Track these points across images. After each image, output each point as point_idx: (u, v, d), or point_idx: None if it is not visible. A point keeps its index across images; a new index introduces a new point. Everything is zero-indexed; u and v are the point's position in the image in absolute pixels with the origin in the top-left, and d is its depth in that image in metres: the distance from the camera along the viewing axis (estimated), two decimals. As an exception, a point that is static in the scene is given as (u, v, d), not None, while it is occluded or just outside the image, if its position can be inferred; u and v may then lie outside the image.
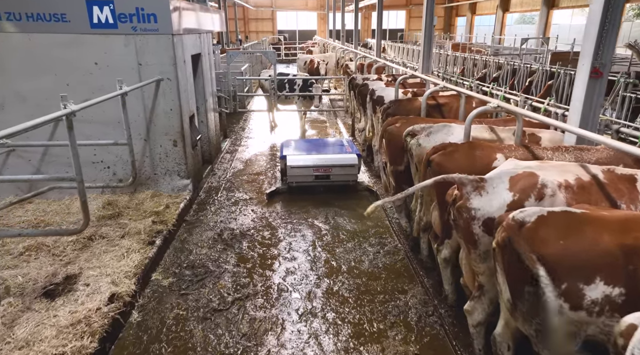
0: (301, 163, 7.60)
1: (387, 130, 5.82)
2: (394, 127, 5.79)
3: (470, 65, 17.50)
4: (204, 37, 9.48)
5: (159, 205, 7.20)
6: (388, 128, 5.82)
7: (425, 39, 10.31)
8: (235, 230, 6.89)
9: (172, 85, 7.21)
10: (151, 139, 7.44)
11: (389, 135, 5.79)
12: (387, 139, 5.84)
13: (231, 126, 13.82)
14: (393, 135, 5.73)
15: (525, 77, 13.35)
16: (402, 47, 24.86)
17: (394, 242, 6.42)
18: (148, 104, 7.24)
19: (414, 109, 7.24)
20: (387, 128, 5.83)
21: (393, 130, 5.75)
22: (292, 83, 12.69)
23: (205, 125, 9.50)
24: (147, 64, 7.04)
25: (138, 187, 7.63)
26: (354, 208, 7.53)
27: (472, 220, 3.48)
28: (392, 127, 5.79)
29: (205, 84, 9.45)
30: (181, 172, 7.70)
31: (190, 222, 7.18)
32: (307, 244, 6.45)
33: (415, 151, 5.10)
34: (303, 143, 8.65)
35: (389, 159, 5.93)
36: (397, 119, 5.93)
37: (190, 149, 7.90)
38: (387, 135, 5.82)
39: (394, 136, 5.71)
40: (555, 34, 26.90)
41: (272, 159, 10.68)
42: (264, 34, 43.43)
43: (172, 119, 7.38)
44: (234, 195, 8.34)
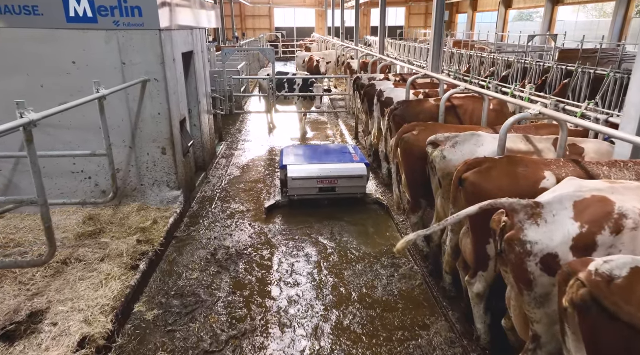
0: (304, 174, 6.86)
1: (404, 139, 5.09)
2: (411, 135, 5.07)
3: (477, 64, 16.82)
4: (197, 33, 8.73)
5: (146, 220, 6.46)
6: (404, 136, 5.10)
7: (435, 36, 9.59)
8: (231, 249, 6.17)
9: (160, 86, 6.47)
10: (137, 147, 6.70)
11: (405, 144, 5.07)
12: (403, 149, 5.11)
13: (227, 128, 13.08)
14: (410, 144, 5.01)
15: (539, 76, 12.66)
16: (405, 45, 24.12)
17: (409, 264, 5.71)
18: (133, 107, 6.50)
19: (425, 112, 6.52)
20: (404, 136, 5.11)
21: (410, 139, 5.03)
22: (291, 83, 11.96)
23: (198, 129, 8.75)
24: (132, 63, 6.30)
25: (123, 200, 6.89)
26: (362, 223, 6.80)
27: (527, 256, 2.78)
28: (409, 136, 5.06)
29: (199, 84, 8.71)
30: (171, 183, 6.96)
31: (181, 240, 6.45)
32: (311, 266, 5.73)
33: (439, 165, 4.38)
34: (305, 150, 7.91)
35: (406, 172, 5.21)
36: (414, 126, 5.21)
37: (181, 157, 7.16)
38: (403, 145, 5.10)
39: (412, 145, 4.99)
40: (559, 31, 26.21)
41: (271, 164, 9.95)
42: (261, 32, 42.63)
43: (161, 124, 6.64)
44: (229, 207, 7.61)
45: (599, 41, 19.00)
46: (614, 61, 18.24)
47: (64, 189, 6.72)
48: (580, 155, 4.32)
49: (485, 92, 5.53)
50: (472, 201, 3.71)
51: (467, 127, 5.21)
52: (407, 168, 5.17)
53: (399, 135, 5.20)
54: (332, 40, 26.05)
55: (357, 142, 11.47)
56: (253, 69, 23.14)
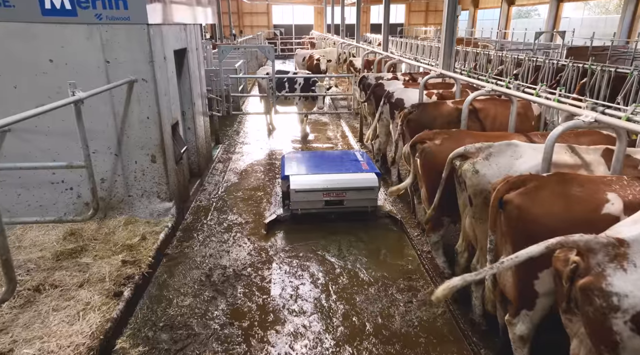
0: (308, 186, 6.20)
1: (424, 150, 4.46)
2: (433, 144, 4.44)
3: (484, 62, 16.19)
4: (191, 29, 8.07)
5: (133, 236, 5.82)
6: (425, 147, 4.47)
7: (447, 32, 8.97)
8: (228, 268, 5.53)
9: (148, 87, 5.82)
10: (124, 154, 6.05)
11: (426, 155, 4.44)
12: (423, 161, 4.49)
13: (224, 130, 12.43)
14: (432, 155, 4.38)
15: (552, 75, 12.04)
16: (407, 42, 23.46)
17: (428, 286, 5.08)
18: (119, 111, 5.85)
19: (443, 116, 5.90)
20: (424, 147, 4.48)
21: (432, 150, 4.40)
22: (292, 82, 11.32)
23: (193, 133, 8.10)
24: (117, 61, 5.64)
25: (109, 212, 6.25)
26: (372, 239, 6.16)
27: (611, 312, 2.16)
28: (431, 145, 4.43)
29: (193, 84, 8.05)
30: (161, 194, 6.31)
31: (172, 257, 5.81)
32: (318, 289, 5.10)
33: (470, 180, 3.75)
34: (308, 157, 7.24)
35: (426, 186, 4.59)
36: (435, 134, 4.57)
37: (173, 165, 6.51)
38: (424, 156, 4.47)
39: (434, 157, 4.37)
40: (563, 28, 25.59)
41: (270, 169, 9.31)
42: (259, 29, 41.91)
43: (150, 129, 5.99)
44: (226, 218, 6.97)
45: (604, 38, 18.42)
46: (624, 59, 17.67)
47: (42, 201, 6.07)
48: (635, 168, 3.70)
49: (516, 94, 4.89)
50: (516, 227, 3.10)
51: (495, 135, 4.58)
52: (428, 182, 4.54)
53: (418, 146, 4.56)
54: (332, 37, 25.37)
55: (361, 145, 10.84)
56: (251, 67, 22.48)
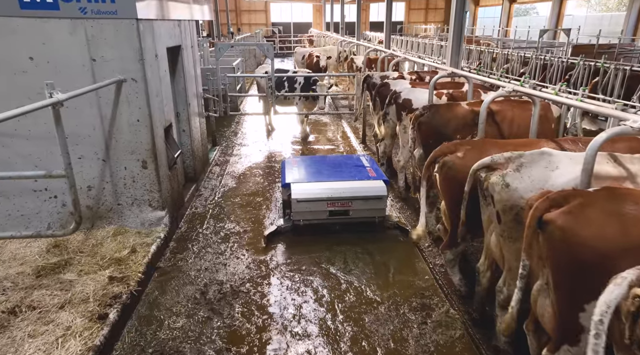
0: (311, 195, 5.74)
1: (445, 164, 4.03)
2: (456, 157, 4.01)
3: (488, 60, 15.76)
4: (186, 25, 7.62)
5: (123, 248, 5.39)
6: (446, 160, 4.03)
7: (455, 28, 8.52)
8: (225, 284, 5.10)
9: (138, 87, 5.37)
10: (112, 159, 5.61)
11: (448, 170, 4.01)
12: (445, 175, 4.06)
13: (221, 131, 11.98)
14: (455, 170, 3.96)
15: (561, 73, 11.63)
16: (408, 40, 23.01)
17: (443, 305, 4.66)
18: (106, 113, 5.40)
19: (457, 118, 5.47)
20: (445, 160, 4.05)
21: (455, 164, 3.97)
22: (292, 81, 10.87)
23: (188, 135, 7.66)
24: (104, 59, 5.20)
25: (97, 222, 5.81)
26: (380, 251, 5.71)
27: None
28: (453, 159, 4.00)
29: (188, 83, 7.61)
30: (153, 202, 5.87)
31: (165, 271, 5.37)
32: (323, 308, 4.68)
33: (499, 194, 3.32)
34: (310, 163, 6.77)
35: (448, 201, 4.16)
36: (456, 145, 4.14)
37: (166, 170, 6.08)
38: (445, 170, 4.04)
39: (457, 171, 3.95)
40: (567, 25, 25.21)
41: (270, 172, 8.88)
42: (257, 27, 41.37)
43: (140, 132, 5.55)
44: (223, 227, 6.53)
45: (609, 36, 18.02)
46: (630, 56, 17.27)
47: (24, 211, 5.64)
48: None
49: (540, 95, 4.47)
50: (559, 252, 2.69)
51: (522, 143, 4.16)
52: (450, 198, 4.11)
53: (438, 158, 4.13)
54: (332, 35, 24.91)
55: (364, 147, 10.41)
56: (249, 65, 22.03)
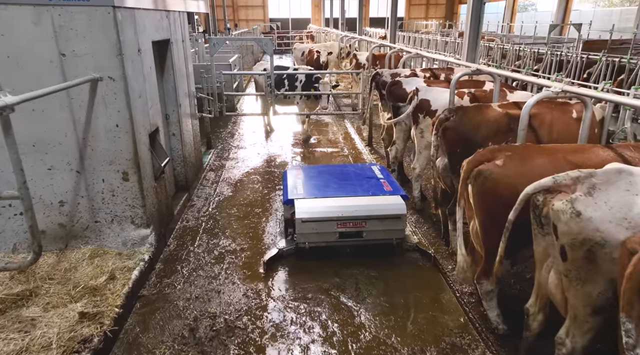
0: (318, 214, 4.96)
1: (482, 174, 3.29)
2: (494, 166, 3.27)
3: (498, 56, 15.02)
4: (176, 17, 6.85)
5: (100, 274, 4.64)
6: (483, 169, 3.29)
7: (472, 20, 7.79)
8: (218, 317, 4.36)
9: (116, 87, 4.61)
10: (87, 171, 4.84)
11: (485, 182, 3.27)
12: (481, 188, 3.32)
13: (217, 132, 11.20)
14: (494, 182, 3.22)
15: (581, 70, 10.91)
16: (410, 36, 22.24)
17: (477, 347, 3.92)
18: (80, 117, 4.64)
19: (489, 123, 4.71)
20: (482, 169, 3.30)
21: (493, 173, 3.23)
22: (292, 79, 10.11)
23: (178, 139, 6.89)
24: (75, 54, 4.43)
25: (71, 242, 5.06)
26: (397, 279, 4.92)
27: None
28: (491, 167, 3.26)
29: (178, 81, 6.84)
30: (136, 219, 5.12)
31: (149, 301, 4.63)
32: (335, 350, 3.94)
33: (567, 225, 2.58)
34: (316, 174, 5.96)
35: (483, 220, 3.42)
36: (494, 152, 3.40)
37: (152, 182, 5.32)
38: (481, 182, 3.30)
39: (497, 183, 3.21)
40: (575, 21, 24.43)
41: (269, 178, 8.13)
42: (255, 22, 40.52)
43: (119, 139, 4.78)
44: (217, 244, 5.79)
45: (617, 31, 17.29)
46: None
47: (-15, 230, 4.88)
48: None
49: (596, 94, 3.72)
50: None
51: (572, 148, 3.42)
52: (485, 215, 3.37)
53: (472, 169, 3.38)
54: (333, 31, 24.11)
55: (370, 150, 9.66)
56: (246, 62, 21.22)
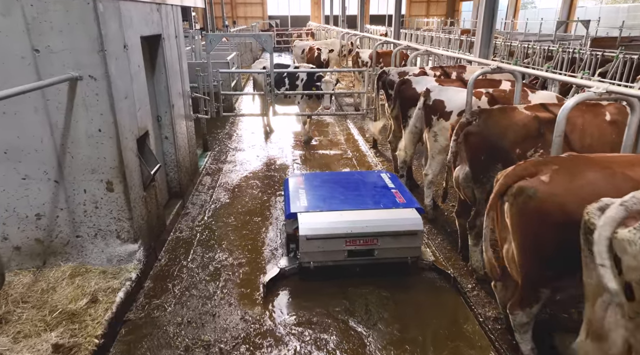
0: (324, 231, 4.42)
1: (523, 192, 2.78)
2: (539, 182, 2.77)
3: (505, 54, 14.52)
4: (168, 11, 6.34)
5: (81, 296, 4.16)
6: (524, 186, 2.79)
7: (486, 14, 7.30)
8: (213, 347, 3.88)
9: (98, 87, 4.11)
10: (67, 180, 4.35)
11: (528, 199, 2.77)
12: (521, 207, 2.81)
13: (214, 133, 10.70)
14: (539, 200, 2.72)
15: (594, 68, 10.42)
16: (413, 33, 21.72)
17: (508, 384, 3.45)
18: (58, 121, 4.14)
19: (517, 127, 4.18)
20: (523, 186, 2.80)
21: (538, 191, 2.73)
22: (293, 77, 9.60)
23: (171, 143, 6.39)
24: (50, 50, 3.93)
25: (50, 259, 4.56)
26: (412, 303, 4.41)
27: None
28: (536, 184, 2.76)
29: (171, 81, 6.33)
30: (122, 233, 4.62)
31: (135, 326, 4.14)
32: (345, 387, 3.46)
33: (637, 259, 2.09)
34: (320, 182, 5.42)
35: (522, 243, 2.91)
36: (538, 164, 2.90)
37: (140, 191, 4.82)
38: (522, 200, 2.80)
39: (542, 202, 2.71)
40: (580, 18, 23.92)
41: (269, 183, 7.64)
42: (254, 20, 39.97)
43: (103, 145, 4.28)
44: (213, 258, 5.30)
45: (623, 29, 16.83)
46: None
47: (-47, 246, 4.38)
48: None
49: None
50: None
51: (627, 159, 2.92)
52: (526, 239, 2.88)
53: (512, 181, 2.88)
54: (334, 28, 23.58)
55: (375, 152, 9.17)
56: (245, 60, 20.70)
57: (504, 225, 2.99)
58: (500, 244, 3.19)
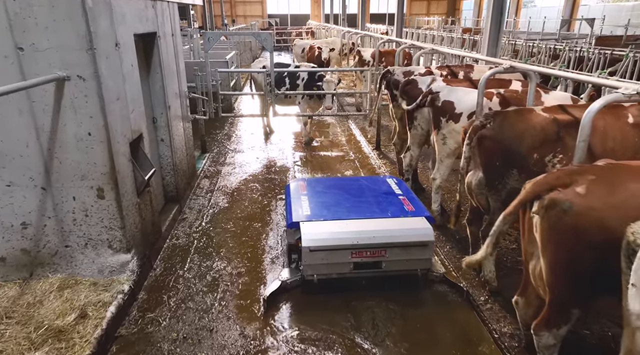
0: (329, 241, 4.14)
1: (558, 204, 2.51)
2: (574, 194, 2.50)
3: (509, 51, 14.27)
4: (164, 8, 6.08)
5: (69, 310, 3.91)
6: (558, 198, 2.51)
7: (494, 12, 7.04)
8: (210, 367, 3.62)
9: (88, 88, 3.85)
10: (55, 187, 4.09)
11: (562, 214, 2.50)
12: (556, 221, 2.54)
13: (213, 134, 10.44)
14: (575, 214, 2.46)
15: (603, 66, 10.15)
16: (414, 32, 21.47)
17: (528, 409, 3.19)
18: (44, 124, 3.88)
19: (534, 130, 3.90)
20: (556, 198, 2.52)
21: (574, 205, 2.46)
22: (294, 77, 9.34)
23: (167, 145, 6.13)
24: (36, 48, 3.67)
25: (37, 270, 4.31)
26: (421, 318, 4.15)
27: None
28: (572, 197, 2.49)
29: (167, 80, 6.07)
30: (114, 242, 4.36)
31: (127, 343, 3.88)
32: (352, 413, 3.20)
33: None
34: (324, 188, 5.12)
35: (554, 261, 2.64)
36: (572, 174, 2.63)
37: (133, 198, 4.56)
38: (556, 214, 2.52)
39: (579, 217, 2.45)
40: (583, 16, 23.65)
41: (270, 186, 7.39)
42: (253, 18, 39.70)
43: (93, 150, 4.02)
44: (211, 268, 5.04)
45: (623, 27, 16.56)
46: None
47: None
48: None
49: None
50: None
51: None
52: (559, 257, 2.61)
53: (542, 191, 2.62)
54: (335, 27, 23.31)
55: (378, 154, 8.91)
56: (244, 59, 20.43)
57: (531, 239, 2.73)
58: (526, 258, 2.92)
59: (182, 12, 25.12)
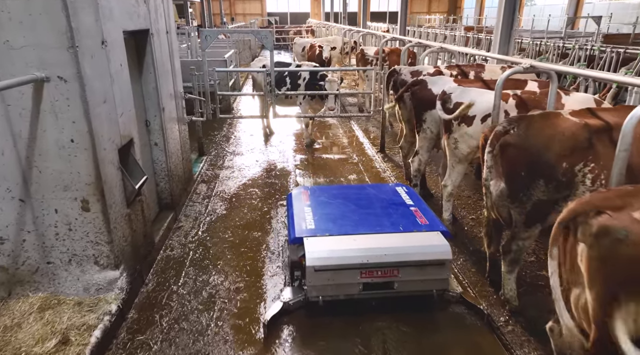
0: (335, 260, 3.74)
1: (610, 232, 2.13)
2: (632, 221, 2.11)
3: (516, 49, 13.89)
4: (158, 3, 5.70)
5: (50, 334, 3.56)
6: (610, 225, 2.13)
7: (506, 8, 6.67)
8: (204, 400, 3.26)
9: (70, 90, 3.48)
10: (35, 199, 3.72)
11: (616, 243, 2.13)
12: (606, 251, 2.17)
13: (211, 135, 10.07)
14: (635, 246, 2.08)
15: (616, 66, 9.81)
16: (416, 31, 21.08)
17: None
18: (22, 130, 3.52)
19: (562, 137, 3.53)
20: (607, 225, 2.15)
21: (631, 232, 2.09)
22: (295, 76, 8.97)
23: (161, 150, 5.77)
24: (10, 46, 3.30)
25: (16, 289, 3.94)
26: (436, 341, 3.81)
27: None
28: (627, 223, 2.11)
29: (161, 81, 5.70)
30: (101, 258, 4.00)
31: (114, 372, 3.53)
32: None
33: None
34: (329, 198, 4.72)
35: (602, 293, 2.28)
36: (624, 195, 2.26)
37: (123, 209, 4.20)
38: (607, 243, 2.15)
39: (635, 246, 2.07)
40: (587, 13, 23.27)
41: (270, 192, 7.03)
42: (252, 17, 39.32)
43: (76, 158, 3.66)
44: (207, 282, 4.69)
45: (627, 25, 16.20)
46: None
47: None
48: None
49: None
50: None
51: None
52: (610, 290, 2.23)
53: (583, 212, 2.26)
54: (335, 25, 22.92)
55: (383, 157, 8.56)
56: (244, 58, 20.06)
57: (572, 265, 2.37)
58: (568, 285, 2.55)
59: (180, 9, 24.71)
